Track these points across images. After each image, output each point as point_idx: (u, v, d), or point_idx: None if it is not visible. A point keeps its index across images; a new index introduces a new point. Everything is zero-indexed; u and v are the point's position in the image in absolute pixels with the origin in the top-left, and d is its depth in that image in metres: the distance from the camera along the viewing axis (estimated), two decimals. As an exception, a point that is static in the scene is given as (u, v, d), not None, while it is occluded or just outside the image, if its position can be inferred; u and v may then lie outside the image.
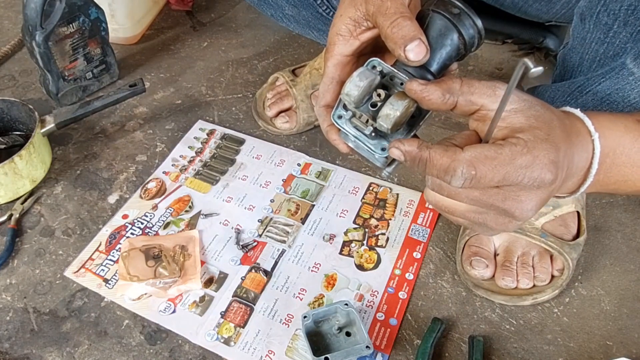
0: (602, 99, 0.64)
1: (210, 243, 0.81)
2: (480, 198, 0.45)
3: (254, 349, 0.70)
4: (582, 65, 0.65)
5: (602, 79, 0.62)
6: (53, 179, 0.92)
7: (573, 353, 0.69)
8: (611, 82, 0.62)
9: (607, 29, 0.59)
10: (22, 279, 0.78)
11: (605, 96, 0.64)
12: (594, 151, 0.48)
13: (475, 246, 0.76)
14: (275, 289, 0.76)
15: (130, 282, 0.75)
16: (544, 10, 0.77)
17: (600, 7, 0.59)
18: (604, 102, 0.64)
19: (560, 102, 0.67)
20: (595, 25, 0.60)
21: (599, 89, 0.63)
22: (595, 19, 0.60)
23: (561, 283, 0.73)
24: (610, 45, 0.60)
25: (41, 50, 0.95)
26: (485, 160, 0.43)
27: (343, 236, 0.82)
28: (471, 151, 0.43)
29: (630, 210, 0.84)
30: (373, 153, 0.51)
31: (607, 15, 0.58)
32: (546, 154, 0.43)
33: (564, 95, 0.67)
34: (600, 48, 0.61)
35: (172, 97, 1.07)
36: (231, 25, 1.25)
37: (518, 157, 0.42)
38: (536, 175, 0.43)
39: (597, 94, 0.64)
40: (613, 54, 0.60)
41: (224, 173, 0.92)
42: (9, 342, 0.72)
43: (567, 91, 0.67)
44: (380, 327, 0.72)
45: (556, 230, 0.74)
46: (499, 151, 0.43)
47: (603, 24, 0.59)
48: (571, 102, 0.67)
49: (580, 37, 0.63)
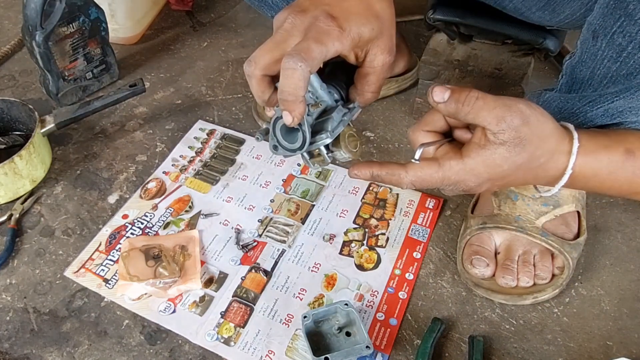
0: (613, 116, 0.64)
1: (210, 243, 0.81)
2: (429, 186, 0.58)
3: (254, 349, 0.70)
4: (593, 80, 0.64)
5: (616, 98, 0.63)
6: (53, 179, 0.92)
7: (573, 353, 0.69)
8: (625, 101, 0.62)
9: (621, 50, 0.59)
10: (22, 279, 0.78)
11: (617, 113, 0.64)
12: (566, 170, 0.57)
13: (476, 245, 0.76)
14: (275, 289, 0.76)
15: (130, 282, 0.75)
16: (547, 18, 0.77)
17: (616, 27, 0.58)
18: (614, 118, 0.65)
19: (569, 114, 0.68)
20: (608, 44, 0.60)
21: (611, 106, 0.64)
22: (610, 39, 0.59)
23: (561, 282, 0.73)
24: (624, 64, 0.60)
25: (41, 50, 0.95)
26: (422, 182, 0.56)
27: (343, 236, 0.82)
28: (411, 175, 0.56)
29: (630, 210, 0.84)
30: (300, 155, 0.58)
31: (623, 37, 0.58)
32: (472, 179, 0.55)
33: (573, 108, 0.67)
34: (613, 66, 0.61)
35: (172, 97, 1.07)
36: (231, 25, 1.25)
37: (446, 180, 0.55)
38: (461, 188, 0.57)
39: (608, 110, 0.64)
40: (627, 73, 0.60)
41: (224, 173, 0.92)
42: (9, 342, 0.72)
43: (577, 104, 0.67)
44: (380, 327, 0.72)
45: (557, 229, 0.74)
46: (433, 175, 0.55)
47: (617, 44, 0.59)
48: (580, 115, 0.67)
49: (591, 52, 0.63)
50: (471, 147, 0.55)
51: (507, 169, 0.54)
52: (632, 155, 0.57)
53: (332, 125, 0.54)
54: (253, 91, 0.56)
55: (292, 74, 0.49)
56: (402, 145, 0.95)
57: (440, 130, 0.58)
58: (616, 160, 0.57)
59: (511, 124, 0.52)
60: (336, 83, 0.58)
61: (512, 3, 0.77)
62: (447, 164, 0.55)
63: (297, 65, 0.49)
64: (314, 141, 0.55)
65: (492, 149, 0.53)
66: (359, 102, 0.58)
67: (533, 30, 0.87)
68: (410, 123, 0.99)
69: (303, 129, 0.54)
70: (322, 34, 0.51)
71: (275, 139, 0.57)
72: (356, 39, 0.53)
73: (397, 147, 0.95)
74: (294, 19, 0.53)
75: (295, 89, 0.50)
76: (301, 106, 0.51)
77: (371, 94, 0.58)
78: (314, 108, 0.55)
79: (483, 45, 0.97)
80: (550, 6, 0.74)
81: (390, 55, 0.56)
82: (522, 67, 0.93)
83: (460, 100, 0.53)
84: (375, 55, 0.55)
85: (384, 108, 1.02)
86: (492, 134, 0.53)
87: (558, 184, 0.58)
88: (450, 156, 0.56)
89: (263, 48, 0.54)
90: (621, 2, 0.56)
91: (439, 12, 0.91)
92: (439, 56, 0.97)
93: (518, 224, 0.74)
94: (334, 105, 0.56)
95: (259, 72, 0.54)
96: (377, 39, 0.55)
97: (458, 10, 0.91)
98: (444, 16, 0.92)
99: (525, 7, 0.77)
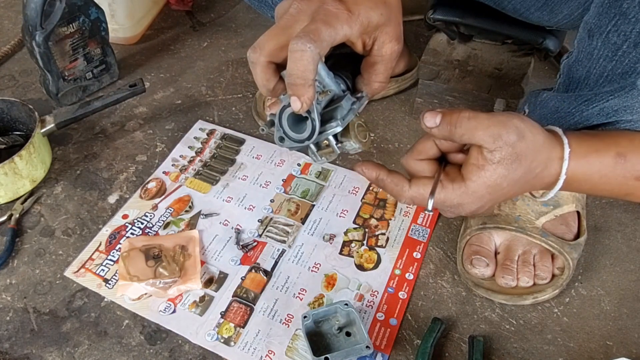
0: (608, 115, 0.64)
1: (210, 243, 0.81)
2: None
3: (254, 349, 0.70)
4: (589, 79, 0.64)
5: (611, 97, 0.63)
6: (53, 179, 0.92)
7: (573, 353, 0.69)
8: (620, 100, 0.62)
9: (616, 48, 0.59)
10: (22, 279, 0.78)
11: (612, 112, 0.64)
12: (560, 176, 0.57)
13: (476, 245, 0.76)
14: (275, 289, 0.76)
15: (130, 282, 0.75)
16: (545, 18, 0.77)
17: (610, 26, 0.58)
18: (609, 117, 0.65)
19: (565, 113, 0.68)
20: (603, 43, 0.60)
21: (606, 105, 0.64)
22: (605, 38, 0.59)
23: (561, 282, 0.73)
24: (619, 63, 0.60)
25: (41, 50, 0.95)
26: (422, 200, 0.56)
27: (343, 236, 0.82)
28: (413, 190, 0.56)
29: (630, 210, 0.84)
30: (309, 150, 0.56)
31: (617, 36, 0.58)
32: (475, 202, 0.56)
33: (569, 107, 0.67)
34: (608, 65, 0.61)
35: (172, 97, 1.07)
36: (231, 25, 1.25)
37: (447, 201, 0.55)
38: (461, 211, 0.57)
39: (604, 109, 0.64)
40: (622, 72, 0.60)
41: (224, 173, 0.92)
42: (9, 342, 0.72)
43: (573, 103, 0.67)
44: (380, 327, 0.72)
45: (557, 229, 0.74)
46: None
47: (612, 43, 0.59)
48: (576, 114, 0.67)
49: (587, 51, 0.63)
50: (470, 168, 0.54)
51: (506, 186, 0.54)
52: (622, 158, 0.57)
53: (341, 114, 0.52)
54: (257, 80, 0.53)
55: (302, 56, 0.47)
56: (401, 145, 0.95)
57: (433, 157, 0.58)
58: (607, 164, 0.57)
59: (508, 141, 0.52)
60: (342, 73, 0.56)
61: (511, 3, 0.77)
62: (449, 186, 0.55)
63: (307, 47, 0.47)
64: (323, 130, 0.52)
65: (491, 169, 0.53)
66: (367, 92, 0.56)
67: (533, 30, 0.87)
68: (410, 123, 0.99)
69: (312, 117, 0.51)
70: (330, 16, 0.50)
71: (281, 130, 0.54)
72: (365, 23, 0.52)
73: (397, 147, 0.95)
74: (300, 4, 0.51)
75: (305, 71, 0.48)
76: (310, 90, 0.49)
77: (379, 83, 0.56)
78: (322, 96, 0.53)
79: (483, 45, 0.97)
80: (548, 6, 0.74)
81: (399, 44, 0.55)
82: (522, 67, 0.93)
83: (452, 123, 0.52)
84: (383, 42, 0.54)
85: (384, 108, 1.02)
86: (489, 152, 0.52)
87: (553, 189, 0.58)
88: (452, 178, 0.55)
89: (268, 34, 0.52)
90: (616, 1, 0.56)
91: (439, 12, 0.91)
92: (439, 56, 0.97)
93: (518, 224, 0.74)
94: (341, 94, 0.54)
95: (264, 58, 0.52)
96: (385, 26, 0.53)
97: (458, 10, 0.91)
98: (444, 16, 0.92)
99: (524, 8, 0.77)
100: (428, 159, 0.58)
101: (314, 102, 0.50)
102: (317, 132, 0.52)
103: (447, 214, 0.59)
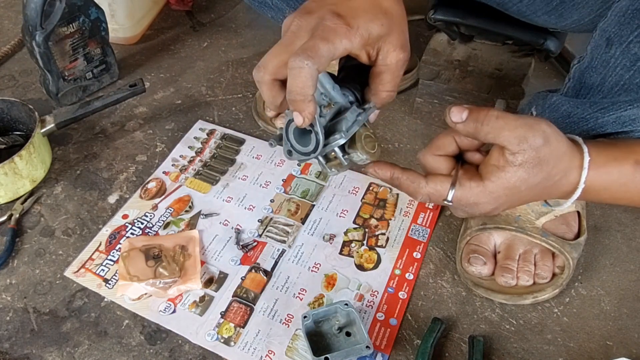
0: (625, 123, 0.64)
1: (210, 243, 0.81)
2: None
3: (254, 349, 0.70)
4: (603, 86, 0.64)
5: (629, 106, 0.62)
6: (53, 179, 0.92)
7: (573, 353, 0.69)
8: (638, 110, 0.62)
9: (636, 59, 0.58)
10: (22, 279, 0.78)
11: (629, 121, 0.64)
12: (578, 185, 0.57)
13: (475, 245, 0.76)
14: (275, 289, 0.76)
15: (130, 282, 0.75)
16: (552, 22, 0.76)
17: (633, 37, 0.57)
18: (625, 125, 0.64)
19: (578, 119, 0.67)
20: (622, 52, 0.59)
21: (623, 114, 0.63)
22: (625, 48, 0.59)
23: (561, 282, 0.73)
24: (638, 73, 0.59)
25: (41, 50, 0.95)
26: (439, 197, 0.56)
27: (343, 236, 0.82)
28: (430, 187, 0.56)
29: (630, 210, 0.84)
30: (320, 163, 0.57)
31: (639, 47, 0.57)
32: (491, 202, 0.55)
33: (583, 113, 0.67)
34: (626, 74, 0.60)
35: (172, 97, 1.07)
36: (231, 25, 1.25)
37: (463, 199, 0.55)
38: (475, 210, 0.56)
39: (620, 117, 0.64)
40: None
41: (224, 173, 0.92)
42: (9, 342, 0.72)
43: (588, 110, 0.66)
44: (380, 327, 0.72)
45: (557, 229, 0.74)
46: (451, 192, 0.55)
47: (632, 53, 0.58)
48: (590, 120, 0.66)
49: (603, 59, 0.62)
50: (490, 169, 0.54)
51: (524, 190, 0.54)
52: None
53: (346, 125, 0.53)
54: (265, 97, 0.55)
55: (299, 72, 0.48)
56: (402, 145, 0.95)
57: (452, 153, 0.58)
58: (626, 172, 0.57)
59: (533, 144, 0.51)
60: (351, 85, 0.57)
61: (516, 6, 0.76)
62: (467, 184, 0.54)
63: (304, 64, 0.48)
64: (328, 142, 0.53)
65: (511, 171, 0.52)
66: (375, 102, 0.57)
67: (534, 31, 0.87)
68: (410, 123, 0.99)
69: (315, 130, 0.52)
70: (328, 32, 0.50)
71: (289, 144, 0.56)
72: (365, 35, 0.52)
73: (397, 147, 0.95)
74: (300, 21, 0.52)
75: (304, 87, 0.49)
76: (311, 105, 0.50)
77: (386, 93, 0.56)
78: (326, 109, 0.53)
79: (483, 45, 0.97)
80: (557, 11, 0.73)
81: (404, 52, 0.55)
82: (523, 68, 0.93)
83: (479, 120, 0.52)
84: (387, 52, 0.54)
85: (384, 108, 1.02)
86: (511, 154, 0.52)
87: (571, 198, 0.58)
88: (470, 176, 0.55)
89: (271, 52, 0.53)
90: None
91: (440, 12, 0.91)
92: (440, 56, 0.97)
93: (518, 224, 0.74)
94: (347, 106, 0.55)
95: (269, 76, 0.53)
96: (388, 36, 0.53)
97: (459, 10, 0.91)
98: (445, 16, 0.92)
99: (530, 11, 0.76)
100: (446, 155, 0.58)
101: (316, 116, 0.51)
102: (322, 145, 0.53)
103: (458, 213, 0.58)
